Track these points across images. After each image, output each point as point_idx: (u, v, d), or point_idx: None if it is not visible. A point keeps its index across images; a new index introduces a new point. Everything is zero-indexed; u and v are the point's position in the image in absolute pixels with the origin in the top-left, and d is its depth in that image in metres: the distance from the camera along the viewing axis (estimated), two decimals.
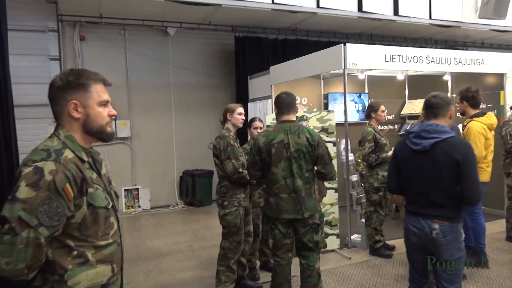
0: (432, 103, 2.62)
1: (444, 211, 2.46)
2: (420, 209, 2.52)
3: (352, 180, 4.90)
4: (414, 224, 2.53)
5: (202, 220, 6.70)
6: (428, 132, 2.49)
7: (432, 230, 2.45)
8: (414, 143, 2.54)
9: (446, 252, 2.45)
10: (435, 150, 2.45)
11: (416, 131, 2.57)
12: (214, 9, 6.59)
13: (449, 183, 2.42)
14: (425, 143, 2.48)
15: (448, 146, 2.43)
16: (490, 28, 8.26)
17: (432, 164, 2.46)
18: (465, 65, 5.63)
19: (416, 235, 2.53)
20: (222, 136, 3.55)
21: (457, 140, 2.50)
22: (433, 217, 2.47)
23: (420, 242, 2.53)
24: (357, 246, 4.89)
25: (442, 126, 2.51)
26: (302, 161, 2.94)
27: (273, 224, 3.05)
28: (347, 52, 4.70)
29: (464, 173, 2.38)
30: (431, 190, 2.48)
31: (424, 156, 2.49)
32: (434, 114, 2.60)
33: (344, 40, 7.94)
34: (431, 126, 2.52)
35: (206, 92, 8.02)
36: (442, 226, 2.43)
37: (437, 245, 2.46)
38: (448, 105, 2.62)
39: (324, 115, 4.78)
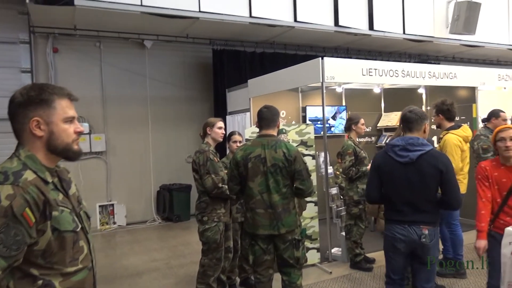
0: (407, 117, 2.79)
1: (428, 217, 2.68)
2: (406, 217, 2.69)
3: (331, 193, 4.89)
4: (401, 232, 2.69)
5: (180, 236, 6.54)
6: (413, 145, 2.67)
7: (421, 236, 2.64)
8: (400, 156, 2.69)
9: (432, 254, 2.69)
10: (420, 162, 2.63)
11: (401, 144, 2.71)
12: (191, 22, 6.55)
13: (432, 191, 2.66)
14: (412, 155, 2.65)
15: (431, 158, 2.64)
16: (460, 43, 8.53)
17: (418, 174, 2.64)
18: (439, 78, 5.77)
19: (404, 242, 2.69)
20: (201, 151, 3.49)
21: (438, 153, 2.75)
22: (420, 223, 2.66)
23: (407, 248, 2.70)
24: (338, 260, 4.85)
25: (423, 140, 2.71)
26: (278, 176, 2.90)
27: (252, 240, 2.99)
28: (325, 65, 4.73)
29: (447, 181, 2.62)
30: (417, 198, 2.66)
31: (409, 167, 2.66)
32: (409, 128, 2.78)
33: (321, 54, 8.04)
34: (413, 139, 2.69)
35: (184, 105, 7.93)
36: (430, 231, 2.65)
37: (425, 248, 2.66)
38: (422, 119, 2.78)
39: (303, 128, 4.78)
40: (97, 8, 5.48)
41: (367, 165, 4.49)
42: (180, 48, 7.78)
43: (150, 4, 5.74)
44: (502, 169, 2.83)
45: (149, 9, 5.77)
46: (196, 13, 6.10)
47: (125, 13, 5.77)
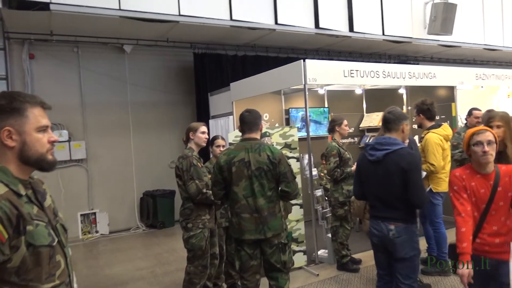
0: (386, 118, 2.92)
1: (398, 214, 2.75)
2: (379, 213, 2.83)
3: (316, 195, 4.88)
4: (375, 226, 2.85)
5: (165, 243, 6.43)
6: (381, 145, 2.82)
7: (389, 231, 2.74)
8: (370, 155, 2.86)
9: (401, 250, 2.73)
10: (386, 160, 2.76)
11: (371, 144, 2.90)
12: (171, 26, 6.48)
13: (399, 188, 2.72)
14: (378, 154, 2.80)
15: (396, 156, 2.74)
16: (438, 43, 8.69)
17: (384, 172, 2.77)
18: (419, 78, 5.84)
19: (377, 236, 2.83)
20: (185, 156, 3.44)
21: (405, 151, 2.79)
22: (389, 220, 2.77)
23: (380, 243, 2.83)
24: (324, 262, 4.84)
25: (394, 139, 2.83)
26: (263, 180, 2.88)
27: (238, 245, 2.96)
28: (307, 68, 4.73)
29: (408, 179, 2.69)
30: (385, 195, 2.79)
31: (378, 165, 2.80)
32: (388, 129, 2.91)
33: (302, 56, 8.06)
34: (384, 139, 2.85)
35: (166, 110, 7.83)
36: (397, 228, 2.73)
37: (394, 244, 2.74)
38: (400, 120, 2.88)
39: (287, 131, 4.77)
40: (73, 12, 5.35)
41: (352, 166, 4.50)
42: (160, 52, 7.69)
43: (129, 8, 5.65)
44: (478, 178, 2.43)
45: (127, 13, 5.68)
46: (176, 17, 6.03)
47: (103, 17, 5.67)
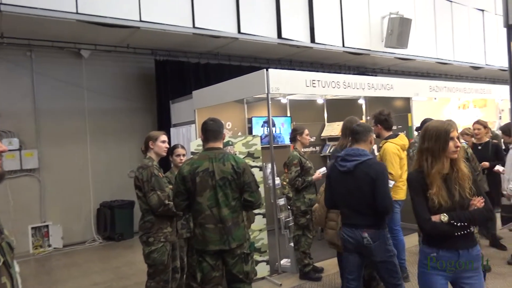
0: (355, 130, 3.10)
1: (369, 221, 2.89)
2: (351, 220, 2.96)
3: (279, 204, 4.88)
4: (349, 234, 2.96)
5: (123, 255, 6.19)
6: (351, 156, 2.97)
7: (363, 238, 2.88)
8: (341, 165, 2.99)
9: (377, 255, 2.89)
10: (356, 170, 2.92)
11: (342, 155, 3.02)
12: (132, 32, 6.32)
13: (369, 196, 2.87)
14: (349, 165, 2.94)
15: (365, 166, 2.91)
16: (394, 56, 9.05)
17: (355, 182, 2.91)
18: (377, 89, 6.03)
19: (351, 243, 2.95)
20: (144, 166, 3.32)
21: (372, 162, 2.98)
22: (362, 227, 2.90)
23: (355, 248, 2.96)
24: (287, 271, 4.84)
25: (363, 150, 2.99)
26: (228, 189, 2.84)
27: (200, 256, 2.89)
28: (270, 77, 4.75)
29: (377, 187, 2.85)
30: (356, 203, 2.93)
31: (348, 175, 2.95)
32: (356, 140, 3.09)
33: (265, 65, 8.13)
34: (354, 150, 3.00)
35: (125, 118, 7.60)
36: (370, 234, 2.87)
37: (369, 249, 2.89)
38: (368, 132, 3.09)
39: (250, 140, 4.75)
40: (27, 15, 5.10)
41: (313, 175, 4.55)
42: (120, 58, 7.48)
43: (87, 12, 5.46)
44: None
45: (85, 17, 5.48)
46: (137, 23, 5.90)
47: (59, 20, 5.44)
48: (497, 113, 8.09)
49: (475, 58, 10.65)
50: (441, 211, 2.16)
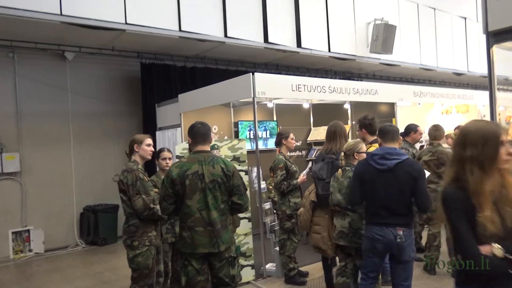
0: (386, 130, 3.17)
1: (404, 219, 2.96)
2: (384, 219, 2.97)
3: (265, 208, 4.88)
4: (379, 232, 2.98)
5: (106, 260, 6.10)
6: (391, 154, 3.00)
7: (396, 236, 2.92)
8: (379, 164, 3.00)
9: (406, 253, 2.95)
10: (397, 169, 2.96)
11: (380, 154, 3.05)
12: (117, 34, 6.27)
13: (408, 195, 2.94)
14: (389, 163, 2.97)
15: (406, 166, 2.96)
16: (379, 61, 9.17)
17: (395, 180, 2.95)
18: (362, 94, 6.10)
19: (382, 242, 2.97)
20: (129, 170, 3.28)
21: (413, 161, 3.11)
22: (396, 225, 2.94)
23: (384, 248, 2.99)
24: (272, 275, 4.83)
25: (399, 150, 3.08)
26: (217, 192, 2.85)
27: (186, 260, 2.86)
28: (256, 81, 4.76)
29: (418, 185, 2.92)
30: (393, 202, 2.95)
31: (388, 174, 2.97)
32: (390, 139, 3.13)
33: (251, 69, 8.15)
34: (391, 149, 3.04)
35: (110, 121, 7.51)
36: (404, 232, 2.93)
37: (401, 248, 2.93)
38: (397, 132, 3.21)
39: (235, 143, 4.74)
40: (9, 15, 5.00)
41: (298, 179, 4.56)
42: (105, 61, 7.40)
43: (71, 14, 5.39)
44: None
45: (69, 19, 5.41)
46: (122, 25, 5.84)
47: (43, 22, 5.35)
48: (479, 118, 8.24)
49: (458, 64, 10.87)
50: (488, 240, 1.66)
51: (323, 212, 3.82)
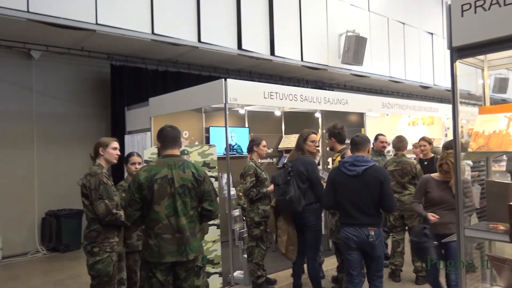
0: (355, 141, 3.45)
1: (374, 220, 3.27)
2: (356, 220, 3.26)
3: (234, 215, 4.84)
4: (353, 233, 3.26)
5: (68, 268, 5.87)
6: (359, 162, 3.31)
7: (368, 236, 3.22)
8: (349, 170, 3.30)
9: (378, 250, 3.27)
10: (365, 175, 3.25)
11: (350, 161, 3.34)
12: (87, 34, 6.11)
13: (375, 198, 3.24)
14: (358, 169, 3.27)
15: (373, 171, 3.27)
16: (350, 72, 9.38)
17: (364, 184, 3.25)
18: (333, 104, 6.20)
19: (355, 242, 3.25)
20: (93, 173, 3.18)
21: (378, 167, 3.41)
22: (367, 225, 3.24)
23: (358, 246, 3.26)
24: (240, 283, 4.79)
25: (367, 157, 3.39)
26: (187, 198, 2.75)
27: (151, 271, 2.73)
28: (228, 87, 4.75)
29: (384, 189, 3.23)
30: (364, 204, 3.25)
31: (357, 179, 3.27)
32: (357, 149, 3.44)
33: (225, 75, 8.13)
34: (359, 157, 3.34)
35: (77, 123, 7.28)
36: (375, 232, 3.22)
37: (373, 246, 3.23)
38: (366, 142, 3.48)
39: (206, 149, 4.69)
40: None
41: (268, 187, 4.56)
42: (74, 61, 7.19)
43: (39, 11, 5.22)
44: None
45: (37, 17, 5.24)
46: (93, 26, 5.72)
47: (8, 18, 5.15)
48: (443, 130, 8.55)
49: (425, 78, 11.27)
50: None
51: (283, 216, 3.97)
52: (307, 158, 4.06)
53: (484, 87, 2.69)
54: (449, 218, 3.40)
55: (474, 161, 3.79)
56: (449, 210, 3.43)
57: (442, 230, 3.41)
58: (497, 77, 12.13)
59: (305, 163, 3.97)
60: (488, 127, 2.21)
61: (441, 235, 3.33)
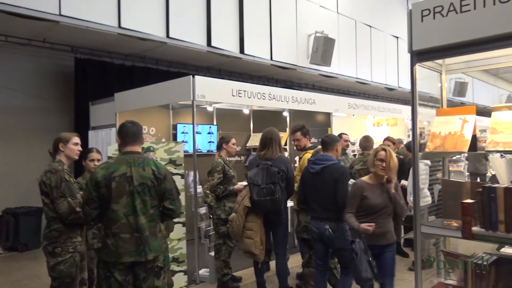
0: (324, 141, 3.67)
1: (331, 214, 3.44)
2: (317, 214, 3.53)
3: (200, 212, 4.82)
4: (315, 225, 3.53)
5: (27, 268, 5.65)
6: (320, 160, 3.57)
7: (325, 229, 3.43)
8: (312, 168, 3.57)
9: (336, 243, 3.44)
10: (323, 172, 3.49)
11: (313, 160, 3.63)
12: (50, 26, 5.88)
13: (331, 194, 3.42)
14: (317, 168, 3.54)
15: (331, 169, 3.48)
16: (319, 73, 9.52)
17: (322, 182, 3.49)
18: (300, 103, 6.28)
19: (316, 233, 3.51)
20: (53, 170, 3.05)
21: (337, 165, 3.55)
22: (325, 220, 3.46)
23: (319, 238, 3.51)
24: (205, 281, 4.77)
25: (330, 156, 3.58)
26: (146, 196, 2.67)
27: (109, 271, 2.64)
28: (196, 84, 4.72)
29: (337, 186, 3.41)
30: (322, 199, 3.49)
31: (317, 176, 3.52)
32: (326, 149, 3.65)
33: (193, 72, 8.05)
34: (323, 156, 3.60)
35: (38, 118, 7.00)
36: (331, 226, 3.41)
37: (330, 239, 3.43)
38: (334, 142, 3.66)
39: (172, 146, 4.64)
40: None
41: (235, 184, 4.57)
42: (35, 53, 6.90)
43: None
44: None
45: None
46: (56, 17, 5.50)
47: None
48: (405, 131, 8.85)
49: (390, 80, 11.60)
50: None
51: (256, 217, 3.88)
52: (285, 157, 4.16)
53: (442, 90, 2.80)
54: (388, 227, 3.17)
55: (432, 161, 3.95)
56: (387, 217, 3.17)
57: (380, 241, 3.12)
58: (457, 81, 12.68)
59: (285, 162, 4.02)
60: (444, 129, 2.30)
61: (379, 246, 3.11)
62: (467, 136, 2.18)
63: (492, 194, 2.06)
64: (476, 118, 2.24)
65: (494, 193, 2.06)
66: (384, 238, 3.14)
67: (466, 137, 2.18)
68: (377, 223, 3.07)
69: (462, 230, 2.14)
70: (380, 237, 3.11)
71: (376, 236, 3.08)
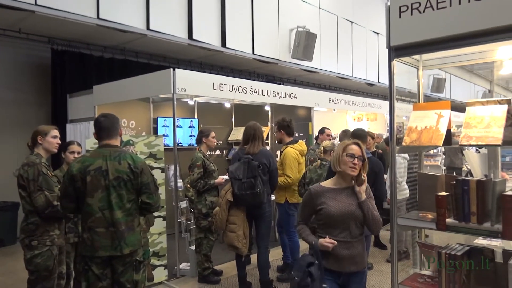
0: (359, 134, 3.89)
1: None
2: None
3: (181, 207, 4.80)
4: None
5: (2, 263, 5.52)
6: None
7: None
8: None
9: None
10: None
11: None
12: (25, 15, 5.71)
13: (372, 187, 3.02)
14: None
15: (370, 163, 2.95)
16: (300, 67, 9.55)
17: None
18: (282, 98, 6.30)
19: None
20: (31, 163, 3.01)
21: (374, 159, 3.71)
22: None
23: None
24: (186, 275, 4.77)
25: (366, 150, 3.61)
26: (122, 191, 2.65)
27: (86, 264, 2.64)
28: (176, 77, 4.67)
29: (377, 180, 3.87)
30: None
31: None
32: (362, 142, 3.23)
33: (174, 65, 7.96)
34: None
35: (13, 110, 6.81)
36: None
37: None
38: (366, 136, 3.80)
39: (152, 140, 4.60)
40: None
41: (216, 178, 4.57)
42: (10, 44, 6.70)
43: None
44: None
45: None
46: (31, 6, 5.35)
47: None
48: (385, 126, 9.00)
49: (370, 75, 11.75)
50: None
51: (239, 211, 3.89)
52: (268, 151, 4.15)
53: (419, 86, 2.86)
54: (357, 248, 2.35)
55: (410, 155, 4.04)
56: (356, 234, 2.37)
57: (346, 266, 2.32)
58: (435, 77, 12.95)
59: (267, 155, 4.00)
60: (420, 123, 2.35)
61: (345, 274, 2.33)
62: (442, 131, 2.23)
63: (465, 187, 2.13)
64: (452, 113, 2.29)
65: (467, 186, 2.12)
66: (352, 262, 2.33)
67: (441, 131, 2.23)
68: (343, 242, 2.31)
69: (437, 222, 2.20)
70: (347, 261, 2.32)
71: (341, 259, 2.31)
